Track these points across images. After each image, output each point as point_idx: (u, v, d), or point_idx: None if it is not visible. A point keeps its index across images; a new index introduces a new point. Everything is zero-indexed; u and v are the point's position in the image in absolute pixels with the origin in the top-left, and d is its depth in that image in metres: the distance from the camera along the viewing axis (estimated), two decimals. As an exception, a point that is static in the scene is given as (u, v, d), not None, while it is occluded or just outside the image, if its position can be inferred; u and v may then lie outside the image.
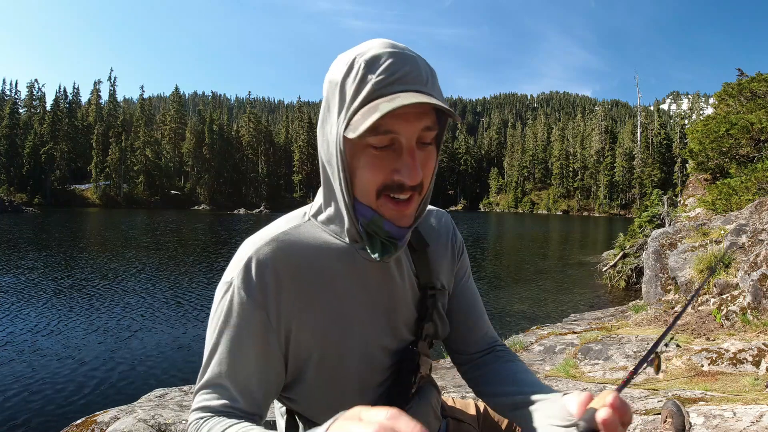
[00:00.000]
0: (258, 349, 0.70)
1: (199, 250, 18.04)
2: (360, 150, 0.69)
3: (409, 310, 0.82)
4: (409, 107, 0.65)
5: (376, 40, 0.70)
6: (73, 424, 2.30)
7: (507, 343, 4.48)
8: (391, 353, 0.80)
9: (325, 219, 0.77)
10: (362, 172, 0.70)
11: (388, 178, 0.69)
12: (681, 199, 13.28)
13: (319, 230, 0.77)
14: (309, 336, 0.72)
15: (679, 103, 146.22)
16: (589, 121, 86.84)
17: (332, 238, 0.77)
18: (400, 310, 0.80)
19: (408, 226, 0.75)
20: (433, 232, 0.92)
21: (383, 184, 0.69)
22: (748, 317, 4.39)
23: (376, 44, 0.68)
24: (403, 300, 0.81)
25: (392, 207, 0.71)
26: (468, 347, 0.92)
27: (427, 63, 0.70)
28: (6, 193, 48.16)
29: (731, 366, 3.41)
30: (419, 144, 0.69)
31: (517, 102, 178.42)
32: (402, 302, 0.81)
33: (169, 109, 73.99)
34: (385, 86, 0.65)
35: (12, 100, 60.37)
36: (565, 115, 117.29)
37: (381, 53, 0.66)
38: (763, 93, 10.62)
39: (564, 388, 3.26)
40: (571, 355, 4.19)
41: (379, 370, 0.79)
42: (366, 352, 0.77)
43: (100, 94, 71.25)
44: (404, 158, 0.68)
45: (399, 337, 0.81)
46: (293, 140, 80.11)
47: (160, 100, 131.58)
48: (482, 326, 0.93)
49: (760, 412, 2.16)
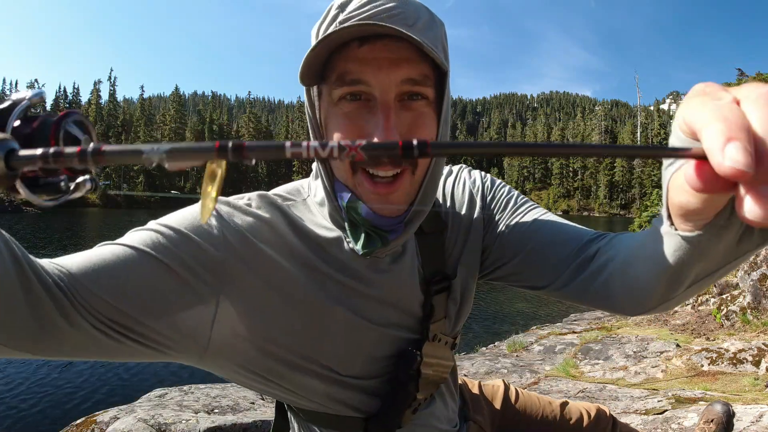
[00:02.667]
0: (159, 270, 0.52)
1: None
2: (333, 108, 0.57)
3: (409, 309, 0.69)
4: (382, 50, 0.52)
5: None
6: (73, 424, 2.30)
7: (507, 343, 4.41)
8: (383, 359, 0.68)
9: (319, 199, 0.66)
10: (334, 137, 0.57)
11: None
12: (681, 199, 13.27)
13: (313, 210, 0.66)
14: (263, 323, 0.59)
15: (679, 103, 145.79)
16: (589, 121, 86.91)
17: (324, 221, 0.65)
18: (397, 309, 0.68)
19: (395, 215, 0.60)
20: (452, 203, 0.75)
21: None
22: (748, 317, 4.39)
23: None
24: (403, 298, 0.68)
25: (369, 187, 0.57)
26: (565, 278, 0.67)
27: (427, 9, 0.57)
28: (6, 193, 48.10)
29: (731, 366, 3.41)
30: (402, 101, 0.56)
31: (517, 102, 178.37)
32: (401, 300, 0.68)
33: (169, 109, 74.01)
34: (354, 23, 0.51)
35: (12, 100, 60.38)
36: (565, 115, 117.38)
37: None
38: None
39: (564, 388, 3.26)
40: (571, 355, 4.19)
41: (368, 379, 0.68)
42: (348, 359, 0.65)
43: (100, 94, 71.19)
44: (376, 116, 0.54)
45: (394, 340, 0.68)
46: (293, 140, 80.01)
47: (160, 100, 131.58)
48: (563, 248, 0.67)
49: (760, 412, 2.16)
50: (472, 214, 0.75)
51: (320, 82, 0.59)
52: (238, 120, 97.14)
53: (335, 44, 0.53)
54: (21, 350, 0.47)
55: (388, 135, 0.53)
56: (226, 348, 0.58)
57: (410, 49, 0.53)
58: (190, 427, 2.04)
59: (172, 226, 0.56)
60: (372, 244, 0.60)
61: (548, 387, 3.32)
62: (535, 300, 10.12)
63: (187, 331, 0.55)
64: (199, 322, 0.56)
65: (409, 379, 0.68)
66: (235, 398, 2.60)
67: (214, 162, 0.26)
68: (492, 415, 0.99)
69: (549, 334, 5.21)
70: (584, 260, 0.64)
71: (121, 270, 0.51)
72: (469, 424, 0.90)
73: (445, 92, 0.60)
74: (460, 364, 3.97)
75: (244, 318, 0.58)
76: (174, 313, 0.54)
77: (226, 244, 0.57)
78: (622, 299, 0.60)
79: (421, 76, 0.55)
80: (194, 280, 0.55)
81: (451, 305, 0.73)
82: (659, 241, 0.47)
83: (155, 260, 0.53)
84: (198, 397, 2.59)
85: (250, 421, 2.15)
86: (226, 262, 0.57)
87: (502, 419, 1.00)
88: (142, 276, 0.52)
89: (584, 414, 1.04)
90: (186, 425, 2.04)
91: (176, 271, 0.54)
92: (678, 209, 0.39)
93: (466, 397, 0.97)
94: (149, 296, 0.52)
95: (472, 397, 0.98)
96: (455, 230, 0.74)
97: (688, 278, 0.49)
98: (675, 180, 0.37)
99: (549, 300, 10.27)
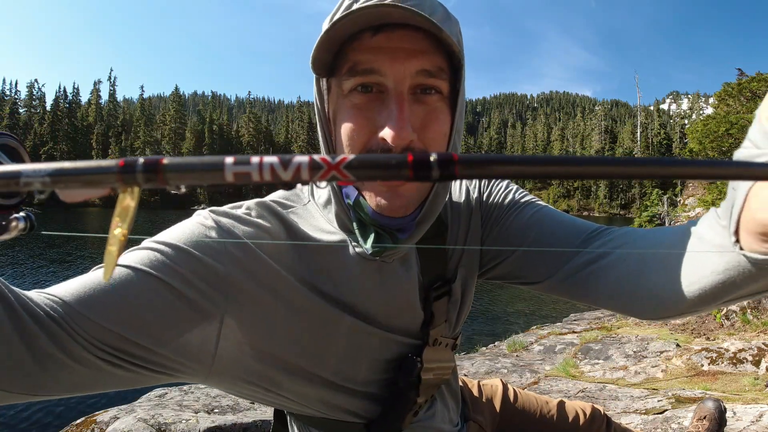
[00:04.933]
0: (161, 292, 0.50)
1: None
2: (343, 101, 0.55)
3: (412, 314, 0.67)
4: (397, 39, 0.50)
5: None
6: (73, 424, 2.30)
7: (507, 343, 4.41)
8: (384, 363, 0.67)
9: (323, 201, 0.63)
10: (342, 130, 0.54)
11: (371, 136, 0.52)
12: (681, 199, 13.28)
13: (314, 215, 0.64)
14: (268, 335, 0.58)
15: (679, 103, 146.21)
16: (589, 120, 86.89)
17: (327, 225, 0.62)
18: (400, 315, 0.66)
19: (400, 215, 0.56)
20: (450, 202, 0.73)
21: (365, 146, 0.53)
22: (748, 317, 4.39)
23: None
24: (404, 304, 0.66)
25: (378, 183, 0.53)
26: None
27: (443, 5, 0.55)
28: (6, 193, 48.08)
29: (731, 366, 3.41)
30: (416, 94, 0.53)
31: (517, 102, 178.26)
32: (403, 306, 0.66)
33: (169, 109, 73.94)
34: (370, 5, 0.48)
35: (12, 100, 60.43)
36: (565, 115, 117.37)
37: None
38: (763, 93, 10.61)
39: (564, 388, 3.26)
40: (571, 355, 4.20)
41: (369, 385, 0.67)
42: (350, 365, 0.64)
43: (100, 94, 71.24)
44: (389, 107, 0.51)
45: (395, 345, 0.67)
46: (293, 140, 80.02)
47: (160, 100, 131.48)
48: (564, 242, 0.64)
49: (760, 411, 2.17)
50: (470, 213, 0.73)
51: (330, 75, 0.57)
52: (238, 120, 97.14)
53: (348, 32, 0.51)
54: (24, 393, 0.44)
55: (401, 126, 0.50)
56: (230, 363, 0.57)
57: (426, 41, 0.51)
58: (190, 426, 2.04)
59: (171, 243, 0.53)
60: (382, 242, 0.57)
61: (548, 387, 3.32)
62: (535, 300, 10.12)
63: (193, 351, 0.53)
64: (204, 339, 0.54)
65: (409, 386, 0.67)
66: (235, 398, 2.60)
67: (125, 190, 0.19)
68: (492, 415, 0.99)
69: (549, 333, 5.21)
70: (589, 255, 0.61)
71: (120, 294, 0.48)
72: (469, 424, 0.90)
73: (459, 87, 0.57)
74: (460, 364, 3.97)
75: (249, 331, 0.56)
76: (180, 335, 0.51)
77: (229, 257, 0.55)
78: (636, 303, 0.56)
79: (436, 68, 0.53)
80: (198, 297, 0.52)
81: (451, 309, 0.72)
82: (704, 253, 0.42)
83: (156, 280, 0.50)
84: (198, 397, 2.59)
85: (250, 421, 2.15)
86: (230, 276, 0.54)
87: (501, 419, 1.00)
88: (143, 299, 0.49)
89: (580, 413, 1.05)
90: (186, 425, 2.05)
91: (179, 291, 0.51)
92: (759, 227, 0.35)
93: (467, 398, 0.97)
94: (153, 320, 0.49)
95: (472, 398, 0.99)
96: (455, 231, 0.72)
97: (729, 297, 0.45)
98: (763, 192, 0.33)
99: (549, 300, 10.27)
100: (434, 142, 0.54)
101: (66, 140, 59.52)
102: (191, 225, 0.57)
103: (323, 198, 0.63)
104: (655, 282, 0.52)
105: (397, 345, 0.67)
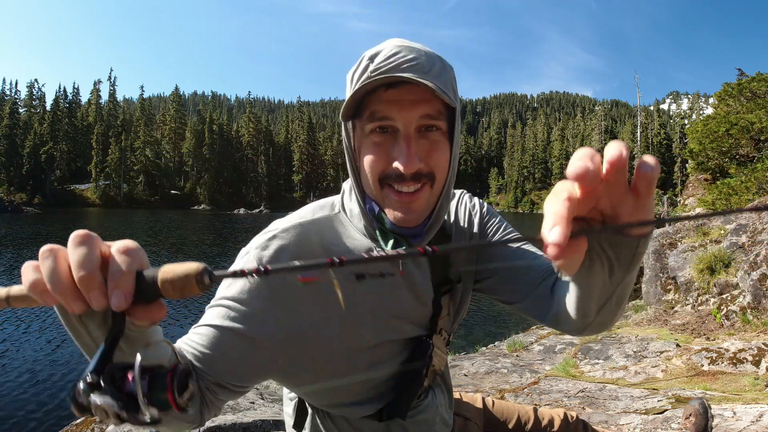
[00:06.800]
0: (240, 337, 0.68)
1: (199, 249, 18.02)
2: (365, 139, 0.72)
3: (424, 308, 0.82)
4: (404, 93, 0.67)
5: (393, 39, 0.72)
6: (73, 424, 2.30)
7: (507, 343, 4.41)
8: (401, 348, 0.81)
9: (355, 213, 0.78)
10: (365, 161, 0.71)
11: (388, 166, 0.69)
12: (681, 199, 13.29)
13: (344, 224, 0.78)
14: (311, 330, 0.71)
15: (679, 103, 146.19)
16: (589, 121, 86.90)
17: (356, 233, 0.77)
18: (415, 309, 0.80)
19: (413, 225, 0.73)
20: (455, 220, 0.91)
21: (383, 172, 0.70)
22: (748, 317, 4.38)
23: (389, 42, 0.70)
24: (419, 298, 0.81)
25: (395, 198, 0.70)
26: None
27: (440, 58, 0.70)
28: (6, 193, 48.15)
29: (731, 366, 3.41)
30: (421, 132, 0.70)
31: (517, 102, 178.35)
32: (418, 301, 0.81)
33: (169, 109, 74.01)
34: (381, 73, 0.66)
35: (12, 100, 60.27)
36: (565, 115, 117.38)
37: (387, 47, 0.69)
38: (763, 93, 10.61)
39: (564, 388, 3.26)
40: (571, 355, 4.19)
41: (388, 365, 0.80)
42: (374, 352, 0.77)
43: (100, 94, 71.19)
44: (401, 145, 0.68)
45: (411, 333, 0.81)
46: (293, 140, 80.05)
47: (160, 100, 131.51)
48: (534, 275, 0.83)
49: (760, 411, 2.17)
50: (471, 232, 0.90)
51: (355, 117, 0.73)
52: (238, 120, 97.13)
53: (369, 89, 0.68)
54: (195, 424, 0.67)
55: (409, 158, 0.67)
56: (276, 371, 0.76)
57: (426, 91, 0.67)
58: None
59: (238, 298, 0.69)
60: (399, 246, 0.73)
61: (548, 387, 3.32)
62: (535, 300, 10.09)
63: (264, 376, 0.75)
64: (266, 369, 0.73)
65: (423, 365, 0.81)
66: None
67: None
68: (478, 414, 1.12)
69: (549, 333, 5.20)
70: (547, 289, 0.81)
71: (218, 353, 0.68)
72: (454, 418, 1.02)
73: (455, 124, 0.73)
74: (460, 363, 3.97)
75: (292, 351, 0.72)
76: (260, 375, 0.73)
77: (274, 311, 0.69)
78: (567, 323, 0.75)
79: (436, 112, 0.69)
80: (263, 341, 0.68)
81: (452, 305, 0.88)
82: (566, 286, 0.67)
83: (239, 336, 0.67)
84: (198, 397, 2.58)
85: (250, 420, 2.15)
86: (277, 321, 0.69)
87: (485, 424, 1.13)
88: (233, 353, 0.68)
89: (555, 417, 1.16)
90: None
91: (254, 340, 0.68)
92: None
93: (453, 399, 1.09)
94: (241, 369, 0.69)
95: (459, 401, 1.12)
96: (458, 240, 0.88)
97: (591, 308, 0.63)
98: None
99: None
100: (438, 167, 0.71)
101: (66, 140, 59.47)
102: (246, 283, 0.70)
103: (356, 212, 0.78)
104: (566, 309, 0.71)
105: (411, 333, 0.81)
